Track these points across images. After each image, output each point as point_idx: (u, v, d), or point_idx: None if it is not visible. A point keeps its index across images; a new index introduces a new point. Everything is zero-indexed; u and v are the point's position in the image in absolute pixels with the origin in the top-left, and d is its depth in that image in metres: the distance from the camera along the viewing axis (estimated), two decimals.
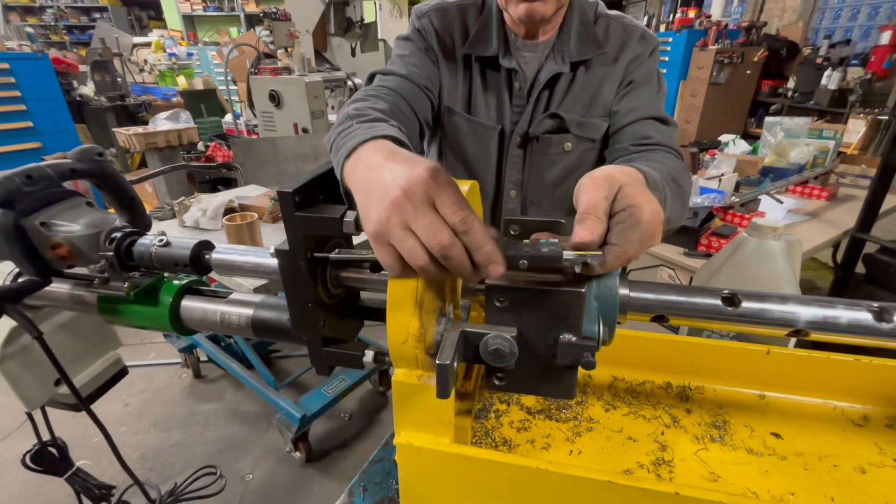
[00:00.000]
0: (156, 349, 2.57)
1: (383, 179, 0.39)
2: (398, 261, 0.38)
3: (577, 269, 0.39)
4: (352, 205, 0.51)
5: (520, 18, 0.76)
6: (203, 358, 2.40)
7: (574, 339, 0.43)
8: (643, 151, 0.75)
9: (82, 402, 0.72)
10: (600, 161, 0.88)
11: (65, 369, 0.70)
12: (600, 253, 0.39)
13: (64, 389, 0.82)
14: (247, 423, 2.08)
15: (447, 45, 0.86)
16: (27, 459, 0.83)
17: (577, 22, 0.83)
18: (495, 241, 0.39)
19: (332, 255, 0.52)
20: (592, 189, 0.42)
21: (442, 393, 0.40)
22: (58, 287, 0.70)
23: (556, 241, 0.40)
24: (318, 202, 0.52)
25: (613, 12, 0.87)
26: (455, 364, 0.41)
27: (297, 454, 1.87)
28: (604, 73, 0.84)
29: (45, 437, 0.85)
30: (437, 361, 0.39)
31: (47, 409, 0.84)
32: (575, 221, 0.41)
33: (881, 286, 1.95)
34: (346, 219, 0.48)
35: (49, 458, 0.85)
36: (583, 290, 0.42)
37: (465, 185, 0.51)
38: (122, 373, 0.91)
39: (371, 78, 0.82)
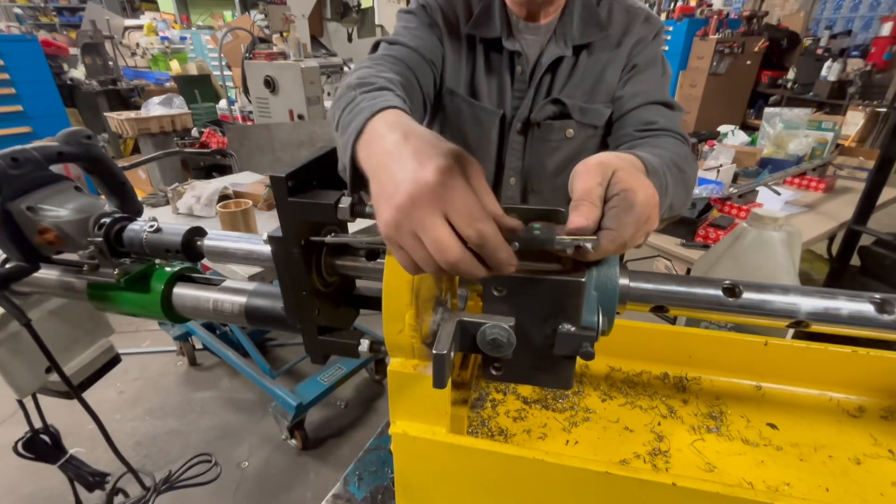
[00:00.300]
0: (150, 336, 2.56)
1: (393, 174, 0.36)
2: (412, 263, 0.36)
3: (570, 252, 0.38)
4: (354, 189, 0.49)
5: (520, 1, 0.74)
6: (198, 346, 2.39)
7: (573, 329, 0.42)
8: (648, 137, 0.73)
9: (73, 389, 0.71)
10: (603, 148, 0.87)
11: (55, 357, 0.69)
12: (595, 237, 0.38)
13: (56, 377, 0.81)
14: (242, 411, 2.09)
15: (452, 23, 0.84)
16: (19, 447, 0.82)
17: (579, 4, 0.81)
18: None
19: (328, 239, 0.51)
20: (586, 175, 0.41)
21: (438, 383, 0.39)
22: (46, 273, 0.68)
23: (552, 227, 0.40)
24: (312, 188, 0.50)
25: None
26: (452, 354, 0.40)
27: (293, 442, 1.88)
28: (607, 57, 0.82)
29: (37, 424, 0.84)
30: (434, 351, 0.38)
31: (39, 396, 0.83)
32: (570, 209, 0.40)
33: (876, 278, 1.96)
34: (340, 205, 0.46)
35: (41, 446, 0.85)
36: (583, 280, 0.41)
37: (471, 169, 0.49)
38: (114, 360, 0.90)
39: (376, 46, 0.79)
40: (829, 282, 2.14)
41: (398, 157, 0.37)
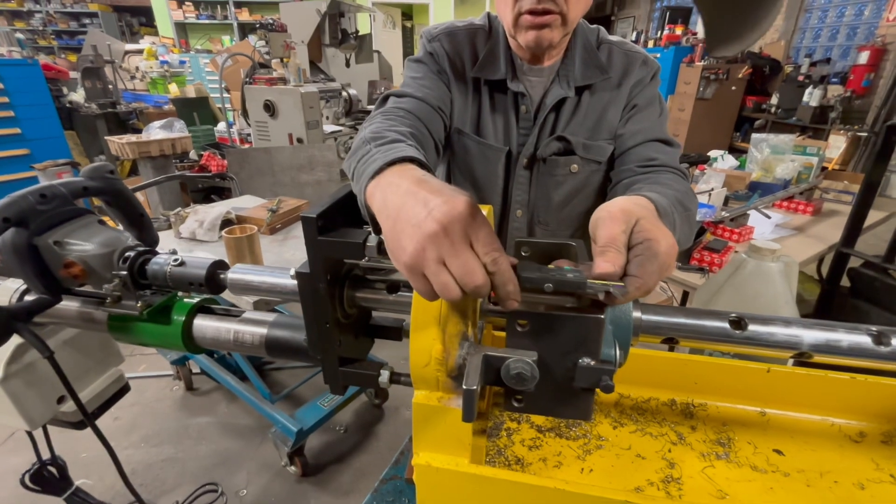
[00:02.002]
0: (146, 361, 2.53)
1: (416, 209, 0.39)
2: (432, 290, 0.39)
3: (601, 297, 0.41)
4: (377, 229, 0.52)
5: (528, 45, 0.78)
6: (195, 370, 2.36)
7: (593, 362, 0.44)
8: (649, 173, 0.77)
9: (89, 420, 0.71)
10: (606, 182, 0.91)
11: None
12: (622, 284, 0.40)
13: (66, 407, 0.81)
14: (240, 437, 2.05)
15: (458, 68, 0.88)
16: (27, 479, 0.81)
17: (580, 48, 0.86)
18: (514, 266, 0.41)
19: (363, 262, 0.53)
20: (610, 222, 0.44)
21: (468, 417, 0.41)
22: (67, 305, 0.69)
23: (580, 269, 0.42)
24: (338, 226, 0.53)
25: (615, 38, 0.90)
26: (479, 388, 0.42)
27: (293, 468, 1.85)
28: (608, 97, 0.86)
29: (45, 455, 0.84)
30: (464, 387, 0.40)
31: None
32: (595, 254, 0.43)
33: (866, 300, 2.00)
34: (368, 243, 0.49)
35: (48, 478, 0.84)
36: (602, 317, 0.43)
37: (483, 210, 0.52)
38: (124, 389, 0.90)
39: (385, 99, 0.83)
40: (820, 304, 2.18)
41: (419, 198, 0.40)
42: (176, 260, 0.64)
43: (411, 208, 0.40)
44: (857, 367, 0.52)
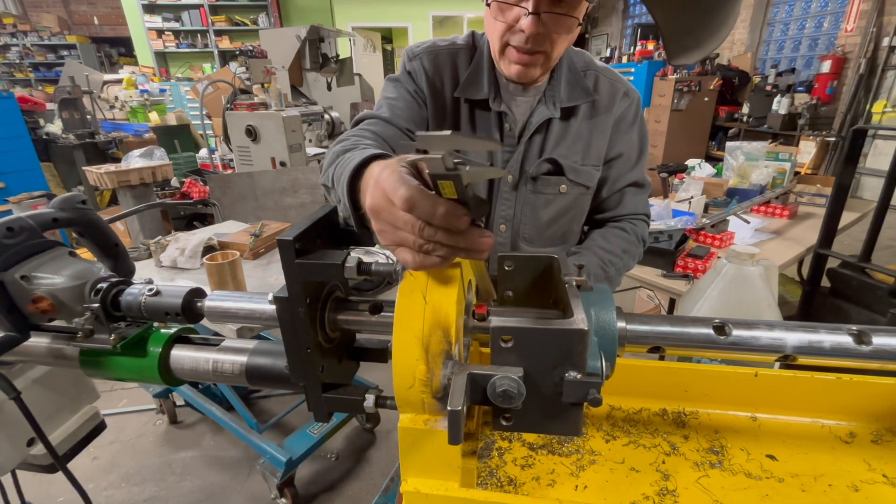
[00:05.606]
0: (127, 395, 2.44)
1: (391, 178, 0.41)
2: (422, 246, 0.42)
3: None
4: (361, 228, 0.52)
5: (510, 77, 0.80)
6: (179, 402, 2.29)
7: (579, 376, 0.44)
8: (614, 222, 0.89)
9: (60, 463, 0.68)
10: (591, 203, 0.95)
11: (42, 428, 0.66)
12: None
13: (37, 450, 0.77)
14: (227, 470, 1.98)
15: (437, 88, 0.89)
16: None
17: (565, 69, 0.88)
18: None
19: (352, 280, 0.53)
20: None
21: (454, 439, 0.40)
22: (36, 341, 0.66)
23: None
24: (317, 247, 0.52)
25: (601, 65, 0.92)
26: (465, 408, 0.41)
27: (283, 501, 1.78)
28: (593, 124, 0.89)
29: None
30: (449, 408, 0.39)
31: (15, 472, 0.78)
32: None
33: (846, 299, 2.04)
34: (347, 264, 0.48)
35: None
36: (585, 328, 0.43)
37: None
38: (99, 427, 0.86)
39: (359, 121, 0.84)
40: (803, 304, 2.22)
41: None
42: (151, 290, 0.62)
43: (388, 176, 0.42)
44: (842, 367, 0.52)
